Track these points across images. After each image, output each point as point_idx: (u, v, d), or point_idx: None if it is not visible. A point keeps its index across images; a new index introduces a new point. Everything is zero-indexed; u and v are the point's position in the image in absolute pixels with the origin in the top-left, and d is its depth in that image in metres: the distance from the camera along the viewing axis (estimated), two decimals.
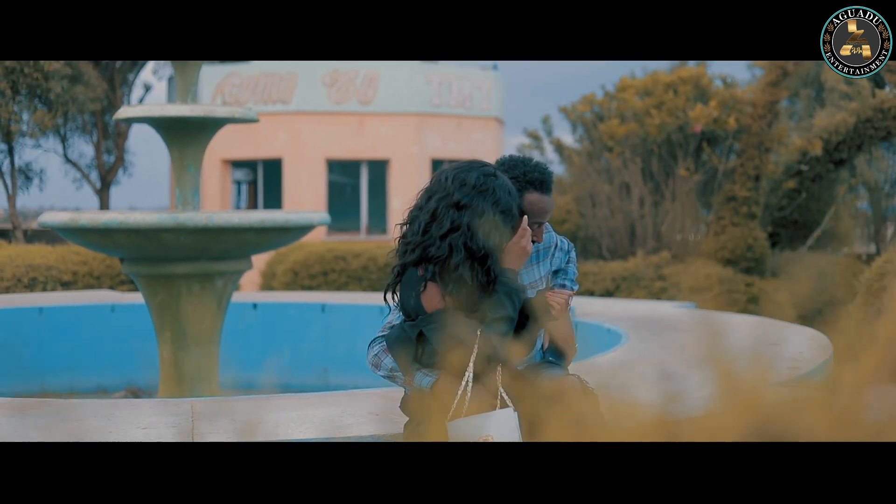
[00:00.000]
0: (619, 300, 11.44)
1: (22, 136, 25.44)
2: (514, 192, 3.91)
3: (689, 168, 14.97)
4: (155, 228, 7.33)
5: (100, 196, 29.79)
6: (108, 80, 27.82)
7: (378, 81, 24.34)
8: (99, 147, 29.13)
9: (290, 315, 11.15)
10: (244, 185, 26.79)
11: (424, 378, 3.81)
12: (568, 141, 17.25)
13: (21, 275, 15.49)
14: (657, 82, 15.51)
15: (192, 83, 8.14)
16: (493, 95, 26.11)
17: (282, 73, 24.35)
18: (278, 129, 24.48)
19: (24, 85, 23.24)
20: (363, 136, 24.40)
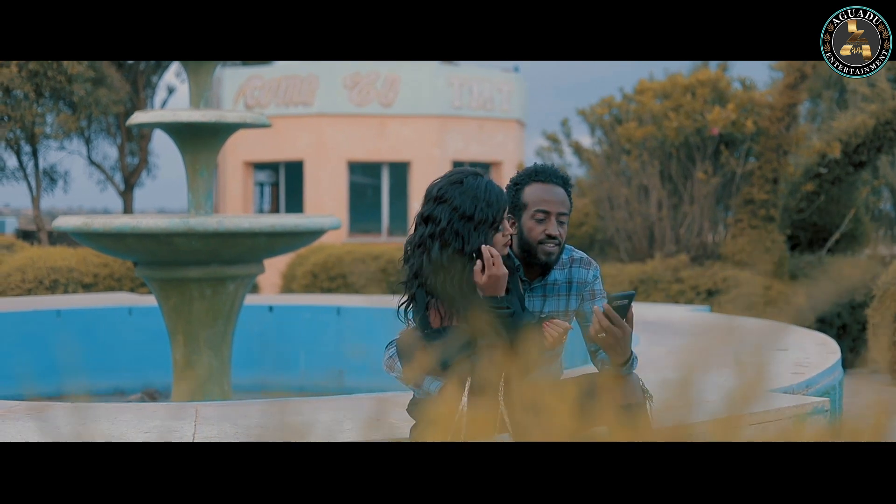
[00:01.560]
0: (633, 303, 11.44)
1: (46, 139, 25.61)
2: (485, 196, 3.81)
3: (707, 171, 14.94)
4: (166, 233, 7.40)
5: (123, 198, 29.96)
6: (131, 83, 27.97)
7: (399, 83, 24.40)
8: (123, 149, 29.30)
9: (305, 318, 11.21)
10: (267, 186, 26.90)
11: (433, 383, 3.85)
12: (587, 144, 17.24)
13: (42, 276, 15.61)
14: (675, 85, 15.48)
15: (205, 88, 8.20)
16: (514, 97, 26.13)
17: (303, 76, 24.43)
18: (300, 132, 24.57)
19: (48, 87, 23.39)
20: (384, 138, 24.46)
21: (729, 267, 14.35)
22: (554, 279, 4.16)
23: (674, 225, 15.42)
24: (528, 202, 4.10)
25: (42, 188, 28.50)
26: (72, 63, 22.78)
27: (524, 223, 4.10)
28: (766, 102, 14.84)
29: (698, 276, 14.06)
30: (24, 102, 23.63)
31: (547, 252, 4.08)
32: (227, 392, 8.28)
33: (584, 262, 4.20)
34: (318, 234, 8.12)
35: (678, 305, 11.71)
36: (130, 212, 29.52)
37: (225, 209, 25.26)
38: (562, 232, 4.09)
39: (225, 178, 25.43)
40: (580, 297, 4.16)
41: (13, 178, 28.25)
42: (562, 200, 4.11)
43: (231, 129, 8.22)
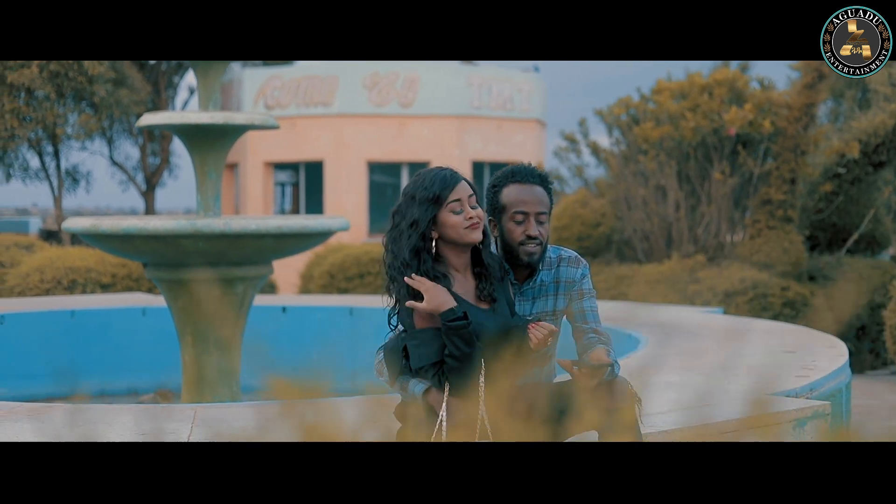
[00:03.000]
0: (646, 305, 11.41)
1: (67, 139, 25.74)
2: (430, 176, 3.87)
3: (725, 171, 14.88)
4: (173, 234, 7.42)
5: (145, 198, 30.07)
6: (152, 84, 28.07)
7: (418, 84, 24.40)
8: (144, 149, 29.41)
9: (318, 318, 11.22)
10: (288, 187, 26.95)
11: (417, 385, 3.85)
12: (604, 144, 17.21)
13: (61, 277, 15.67)
14: (693, 85, 15.42)
15: (214, 89, 8.21)
16: (534, 97, 26.09)
17: (322, 76, 24.46)
18: (320, 132, 24.61)
19: (69, 88, 23.50)
20: (404, 138, 24.46)
21: (746, 268, 14.28)
22: (542, 280, 4.14)
23: (691, 225, 15.36)
24: (506, 204, 4.08)
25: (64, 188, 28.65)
26: (93, 64, 22.87)
27: (504, 225, 4.08)
28: (784, 102, 14.77)
29: (715, 277, 14.00)
30: (46, 103, 23.75)
31: (528, 252, 4.05)
32: (235, 393, 8.30)
33: (573, 260, 4.17)
34: (327, 236, 8.12)
35: (691, 307, 11.66)
36: (152, 212, 29.63)
37: (245, 210, 25.33)
38: (542, 231, 4.06)
39: (245, 178, 25.49)
40: (568, 296, 4.14)
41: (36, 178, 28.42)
42: (540, 200, 4.07)
43: (240, 131, 8.23)
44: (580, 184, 18.03)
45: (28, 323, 10.60)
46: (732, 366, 6.66)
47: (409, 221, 3.82)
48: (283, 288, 20.83)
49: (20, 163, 28.51)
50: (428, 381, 3.83)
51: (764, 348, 7.44)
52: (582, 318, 4.13)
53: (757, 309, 13.62)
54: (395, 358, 3.90)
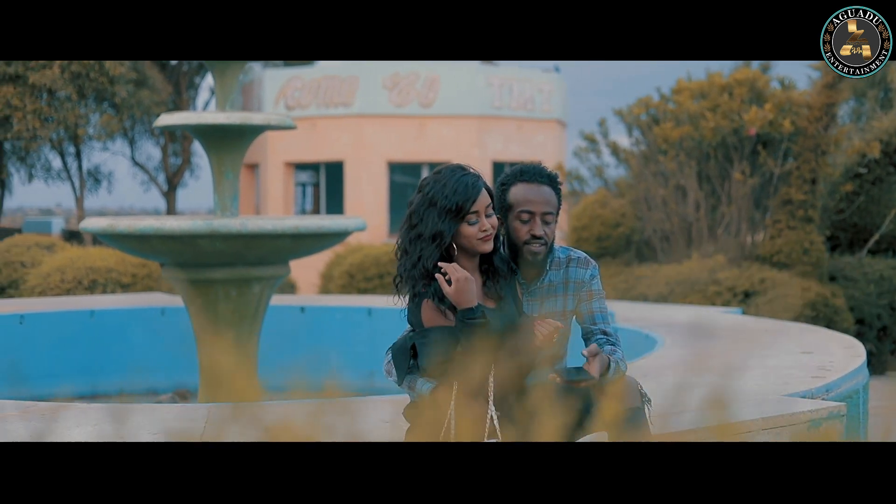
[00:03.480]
0: (664, 305, 11.38)
1: (89, 140, 25.85)
2: (453, 185, 3.80)
3: (745, 171, 14.83)
4: (190, 234, 7.43)
5: (167, 198, 30.18)
6: (173, 84, 28.16)
7: (439, 84, 24.40)
8: (166, 150, 29.52)
9: (336, 319, 11.22)
10: (309, 187, 27.00)
11: (425, 385, 3.84)
12: (624, 144, 17.17)
13: (81, 277, 15.73)
14: (713, 84, 15.38)
15: (230, 90, 8.23)
16: (554, 97, 26.06)
17: (343, 77, 24.49)
18: (340, 132, 24.64)
19: (91, 89, 23.59)
20: (424, 138, 24.47)
21: (767, 268, 14.23)
22: (550, 280, 4.12)
23: (711, 225, 15.31)
24: (513, 202, 4.06)
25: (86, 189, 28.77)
26: (114, 64, 22.97)
27: (510, 224, 4.07)
28: (805, 102, 14.71)
29: (735, 278, 13.95)
30: (68, 104, 23.85)
31: (533, 252, 4.03)
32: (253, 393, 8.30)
33: (582, 261, 4.15)
34: (343, 236, 8.12)
35: (710, 307, 11.62)
36: (174, 212, 29.73)
37: (266, 210, 25.38)
38: (547, 231, 4.04)
39: (266, 178, 25.54)
40: (577, 297, 4.12)
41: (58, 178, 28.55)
42: (546, 200, 4.05)
43: (257, 131, 8.24)
44: (600, 184, 18.00)
45: (47, 323, 10.64)
46: (749, 366, 6.63)
47: (432, 233, 3.79)
48: (303, 288, 20.86)
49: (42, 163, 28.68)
50: (435, 381, 3.83)
51: (781, 349, 7.41)
52: (591, 320, 4.12)
53: (777, 310, 13.56)
54: (404, 357, 3.89)
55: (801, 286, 13.88)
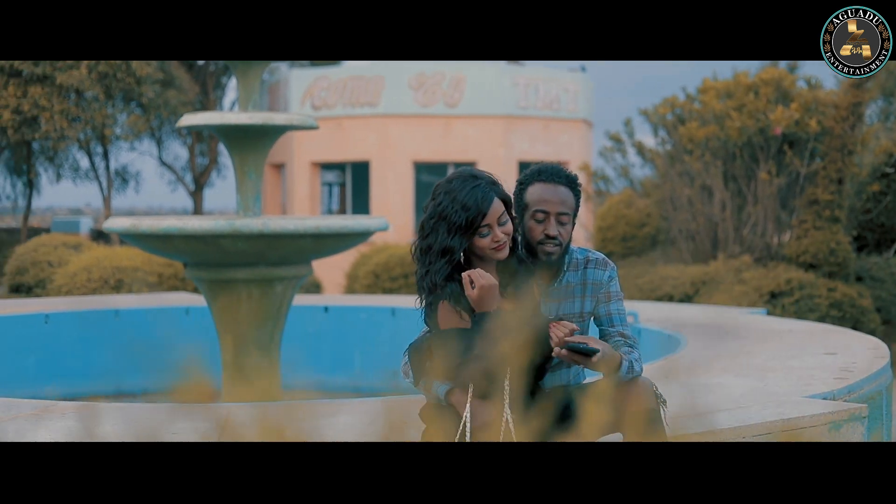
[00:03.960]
0: (688, 305, 11.33)
1: (116, 140, 25.97)
2: (463, 200, 3.78)
3: (771, 171, 14.76)
4: (212, 234, 7.45)
5: (194, 198, 30.29)
6: (200, 84, 28.26)
7: (464, 84, 24.39)
8: (193, 150, 29.62)
9: (360, 318, 11.23)
10: (336, 187, 27.04)
11: (440, 386, 3.84)
12: (650, 144, 17.13)
13: (108, 276, 15.81)
14: (739, 84, 15.32)
15: (253, 90, 8.24)
16: (580, 97, 26.01)
17: (369, 77, 24.51)
18: (366, 132, 24.67)
19: (118, 89, 23.70)
20: (450, 138, 24.47)
21: (793, 268, 14.16)
22: (568, 281, 4.11)
23: (737, 226, 15.25)
24: (529, 202, 4.06)
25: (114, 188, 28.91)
26: (141, 65, 23.07)
27: (526, 223, 4.06)
28: (831, 101, 14.63)
29: (761, 278, 13.89)
30: (95, 104, 23.97)
31: (546, 252, 4.02)
32: (275, 393, 8.32)
33: (601, 263, 4.14)
34: (365, 236, 8.12)
35: (733, 307, 11.57)
36: (200, 212, 29.84)
37: (292, 210, 25.43)
38: (562, 232, 4.02)
39: (292, 178, 25.60)
40: (595, 298, 4.11)
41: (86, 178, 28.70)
42: (562, 200, 4.03)
43: (279, 131, 8.25)
44: (626, 184, 17.96)
45: (72, 322, 10.69)
46: (771, 367, 6.59)
47: (441, 248, 3.79)
48: (329, 288, 20.90)
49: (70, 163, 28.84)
50: (451, 382, 3.82)
51: (804, 349, 7.37)
52: (609, 322, 4.10)
53: (803, 310, 13.50)
54: (420, 358, 3.89)
55: (827, 286, 13.81)
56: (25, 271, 17.79)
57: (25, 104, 22.94)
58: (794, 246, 14.52)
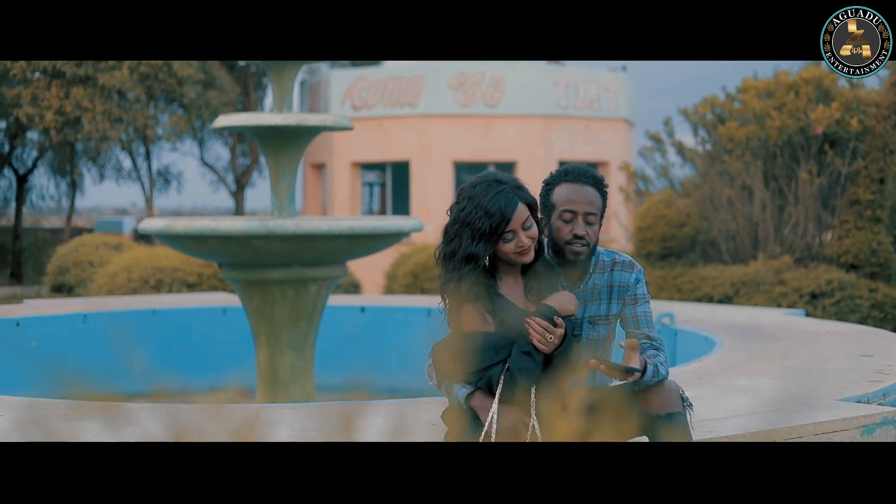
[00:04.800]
0: (726, 306, 11.25)
1: (158, 140, 26.12)
2: (486, 206, 3.76)
3: (812, 171, 14.62)
4: (246, 235, 7.46)
5: (235, 198, 30.42)
6: (241, 85, 28.37)
7: (504, 84, 24.34)
8: (234, 150, 29.75)
9: (396, 319, 11.24)
10: (377, 187, 27.08)
11: (461, 389, 3.83)
12: (690, 143, 17.01)
13: (148, 276, 15.90)
14: (779, 83, 15.19)
15: (287, 91, 8.26)
16: (621, 97, 25.91)
17: (409, 77, 24.52)
18: (406, 132, 24.68)
19: (159, 90, 23.84)
20: (490, 138, 24.43)
21: (834, 269, 14.04)
22: (594, 283, 4.08)
23: (777, 226, 15.12)
24: (556, 202, 4.04)
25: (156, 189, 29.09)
26: (182, 66, 23.20)
27: (553, 223, 4.04)
28: (873, 100, 14.48)
29: (802, 279, 13.77)
30: (137, 105, 24.12)
31: (574, 252, 4.00)
32: (309, 393, 8.34)
33: (627, 265, 4.11)
34: (399, 237, 8.11)
35: (772, 308, 11.47)
36: (242, 212, 29.97)
37: (333, 210, 25.49)
38: (590, 232, 4.00)
39: (333, 179, 25.65)
40: (622, 301, 4.08)
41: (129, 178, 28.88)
42: (590, 200, 4.02)
43: (313, 132, 8.26)
44: (665, 183, 17.86)
45: (110, 322, 10.76)
46: (805, 370, 6.53)
47: (465, 254, 3.78)
48: (368, 288, 20.93)
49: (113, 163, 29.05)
50: (473, 386, 3.81)
51: (841, 351, 7.29)
52: (635, 324, 4.07)
53: (844, 311, 13.38)
54: (444, 360, 3.88)
55: (868, 287, 13.68)
56: (67, 271, 17.94)
57: (68, 105, 23.12)
58: (834, 246, 14.39)
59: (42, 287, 20.31)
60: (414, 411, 5.27)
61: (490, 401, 3.75)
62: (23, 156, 29.44)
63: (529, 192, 3.88)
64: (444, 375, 3.91)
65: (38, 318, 10.40)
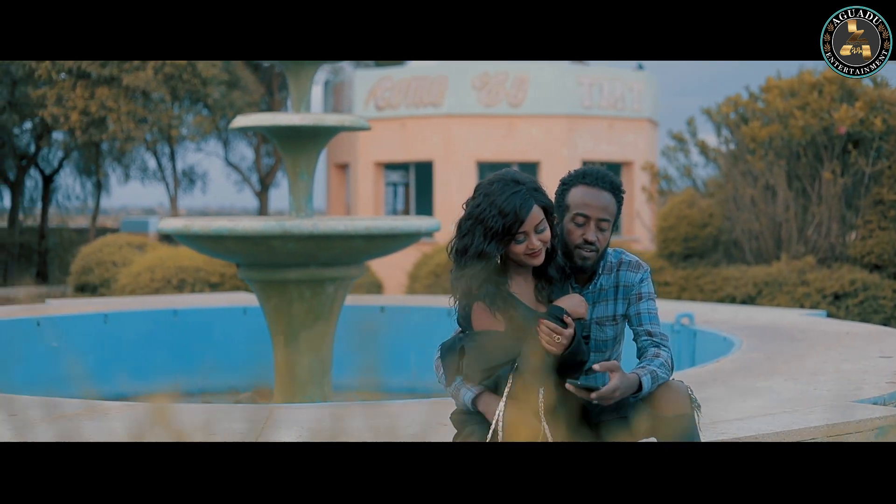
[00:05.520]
0: (747, 307, 11.20)
1: (183, 140, 26.20)
2: (501, 205, 3.73)
3: (835, 171, 14.54)
4: (263, 235, 7.48)
5: (259, 198, 30.49)
6: (265, 85, 28.42)
7: (528, 83, 24.29)
8: (258, 150, 29.81)
9: (415, 319, 11.23)
10: (401, 187, 27.09)
11: (467, 393, 3.81)
12: (713, 143, 16.94)
13: (171, 276, 15.96)
14: (803, 82, 15.11)
15: (305, 92, 8.27)
16: (645, 96, 25.81)
17: (432, 77, 24.50)
18: (429, 132, 24.66)
19: (184, 91, 23.91)
20: (513, 138, 24.39)
21: (857, 269, 13.95)
22: (602, 284, 4.06)
23: (801, 226, 15.04)
24: (570, 204, 4.02)
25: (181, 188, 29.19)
26: (206, 66, 23.27)
27: (565, 225, 4.02)
28: None
29: (825, 279, 13.70)
30: (161, 105, 24.21)
31: (583, 257, 3.98)
32: (326, 393, 8.34)
33: (633, 265, 4.08)
34: (416, 237, 8.11)
35: (793, 309, 11.41)
36: (266, 212, 30.03)
37: (356, 210, 25.51)
38: (601, 238, 3.97)
39: (356, 179, 25.67)
40: (627, 300, 4.06)
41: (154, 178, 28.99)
42: (604, 206, 3.99)
43: (330, 133, 8.27)
44: (689, 183, 17.80)
45: (131, 322, 10.80)
46: (823, 370, 6.49)
47: (477, 252, 3.76)
48: (390, 288, 20.94)
49: (138, 164, 29.16)
50: (479, 388, 3.79)
51: (859, 353, 7.24)
52: (637, 321, 4.05)
53: (868, 312, 13.30)
54: (452, 358, 3.86)
55: (892, 288, 13.60)
56: (90, 271, 18.02)
57: (93, 105, 23.22)
58: (858, 246, 14.31)
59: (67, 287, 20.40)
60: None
61: (496, 403, 3.74)
62: (49, 156, 29.59)
63: (546, 195, 3.86)
64: (452, 374, 3.89)
65: (59, 318, 10.45)
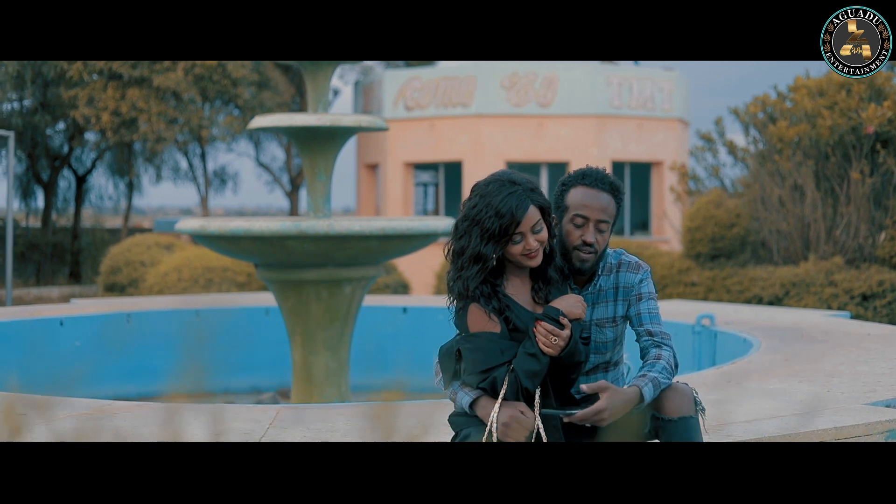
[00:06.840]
0: (770, 308, 11.13)
1: (213, 141, 26.31)
2: (497, 206, 3.70)
3: (864, 170, 14.41)
4: (278, 236, 7.50)
5: (290, 198, 30.58)
6: (295, 86, 28.50)
7: (557, 83, 24.25)
8: (289, 150, 29.89)
9: (438, 319, 11.20)
10: (431, 187, 27.11)
11: (464, 397, 3.80)
12: (741, 143, 16.84)
13: (198, 276, 16.02)
14: (831, 82, 14.99)
15: (322, 92, 8.29)
16: (675, 96, 25.71)
17: (461, 77, 24.50)
18: (459, 132, 24.66)
19: (214, 91, 24.01)
20: (543, 138, 24.35)
21: (886, 270, 13.83)
22: (601, 286, 4.04)
23: (829, 226, 14.92)
24: (569, 205, 3.99)
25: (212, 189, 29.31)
26: (236, 66, 23.35)
27: (564, 226, 3.99)
28: None
29: (853, 280, 13.59)
30: (192, 106, 24.32)
31: (581, 259, 3.95)
32: (344, 393, 8.35)
33: (633, 266, 4.06)
34: (432, 238, 8.10)
35: (816, 310, 11.32)
36: (296, 212, 30.12)
37: (386, 210, 25.55)
38: (600, 239, 3.94)
39: (385, 179, 25.71)
40: (627, 302, 4.03)
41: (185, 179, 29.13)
42: (604, 207, 3.95)
43: (349, 133, 8.28)
44: (717, 183, 17.70)
45: (154, 321, 10.84)
46: (838, 372, 6.44)
47: (473, 254, 3.75)
48: (418, 288, 20.94)
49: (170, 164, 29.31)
50: (476, 392, 3.77)
51: (878, 354, 7.18)
52: (638, 321, 4.02)
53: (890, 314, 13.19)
54: (450, 361, 3.85)
55: None
56: (119, 271, 18.10)
57: (124, 106, 23.34)
58: (887, 247, 14.19)
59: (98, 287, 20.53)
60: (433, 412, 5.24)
61: (493, 406, 3.73)
62: (82, 156, 29.78)
63: (543, 195, 3.84)
64: (450, 377, 3.88)
65: (83, 318, 10.51)
